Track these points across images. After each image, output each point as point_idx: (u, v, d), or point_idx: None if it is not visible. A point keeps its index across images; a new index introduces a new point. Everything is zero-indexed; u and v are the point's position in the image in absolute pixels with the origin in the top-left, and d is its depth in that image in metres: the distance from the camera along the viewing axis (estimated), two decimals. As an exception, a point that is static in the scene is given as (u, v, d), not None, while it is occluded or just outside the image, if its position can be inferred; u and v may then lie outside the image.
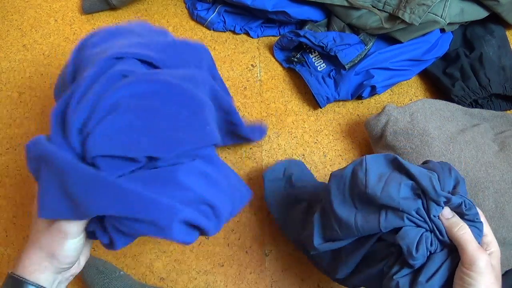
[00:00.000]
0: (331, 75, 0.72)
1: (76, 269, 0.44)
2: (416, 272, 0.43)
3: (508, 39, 0.76)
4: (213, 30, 0.81)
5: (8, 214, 0.65)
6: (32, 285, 0.39)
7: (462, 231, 0.41)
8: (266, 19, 0.79)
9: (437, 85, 0.75)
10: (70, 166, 0.37)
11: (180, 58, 0.48)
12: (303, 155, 0.71)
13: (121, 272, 0.58)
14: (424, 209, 0.42)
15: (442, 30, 0.72)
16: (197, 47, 0.52)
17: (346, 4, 0.70)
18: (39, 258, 0.40)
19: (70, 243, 0.41)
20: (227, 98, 0.54)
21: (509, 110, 0.74)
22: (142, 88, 0.41)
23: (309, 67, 0.74)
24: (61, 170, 0.37)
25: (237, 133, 0.62)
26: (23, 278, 0.40)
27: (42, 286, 0.40)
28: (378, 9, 0.69)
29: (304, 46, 0.75)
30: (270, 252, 0.65)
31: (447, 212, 0.43)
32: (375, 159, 0.46)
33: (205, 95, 0.46)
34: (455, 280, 0.42)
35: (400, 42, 0.71)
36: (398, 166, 0.45)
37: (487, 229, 0.44)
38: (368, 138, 0.70)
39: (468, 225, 0.42)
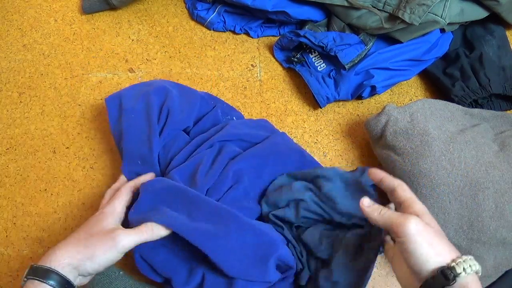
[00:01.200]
0: (331, 75, 0.72)
1: (83, 281, 0.46)
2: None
3: (508, 39, 0.76)
4: (213, 30, 0.81)
5: (8, 214, 0.65)
6: (58, 275, 0.41)
7: (384, 212, 0.43)
8: (266, 19, 0.79)
9: (437, 85, 0.75)
10: (213, 204, 0.53)
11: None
12: (303, 155, 0.71)
13: (121, 272, 0.58)
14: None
15: (442, 30, 0.72)
16: (264, 121, 0.69)
17: (346, 4, 0.70)
18: (77, 253, 0.43)
19: (113, 254, 0.45)
20: None
21: (509, 110, 0.74)
22: (251, 162, 0.60)
23: (309, 67, 0.74)
24: (193, 201, 0.52)
25: None
26: (51, 269, 0.41)
27: (67, 278, 0.42)
28: (378, 9, 0.69)
29: (304, 46, 0.75)
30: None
31: (366, 201, 0.45)
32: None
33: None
34: (395, 259, 0.42)
35: (400, 42, 0.71)
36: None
37: (405, 187, 0.46)
38: (368, 138, 0.70)
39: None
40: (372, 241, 0.49)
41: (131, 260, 0.63)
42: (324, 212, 0.55)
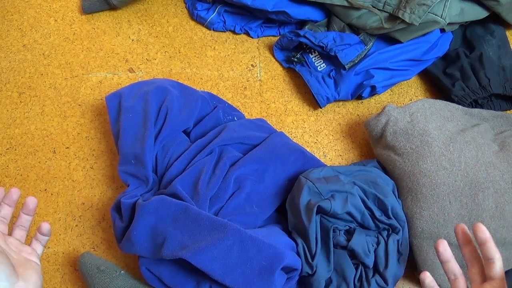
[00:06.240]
0: (331, 75, 0.72)
1: None
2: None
3: (508, 39, 0.76)
4: (213, 30, 0.81)
5: (8, 214, 0.65)
6: None
7: None
8: (266, 19, 0.79)
9: (437, 85, 0.75)
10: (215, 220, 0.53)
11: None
12: (303, 155, 0.71)
13: (122, 272, 0.58)
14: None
15: (442, 30, 0.72)
16: (261, 120, 0.70)
17: (346, 4, 0.70)
18: None
19: None
20: None
21: (509, 110, 0.74)
22: (252, 167, 0.60)
23: (309, 67, 0.74)
24: (193, 219, 0.53)
25: None
26: None
27: None
28: (378, 9, 0.69)
29: (304, 46, 0.75)
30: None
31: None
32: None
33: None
34: None
35: (400, 42, 0.71)
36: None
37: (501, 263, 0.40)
38: (368, 138, 0.70)
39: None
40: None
41: (132, 260, 0.63)
42: (364, 210, 0.56)
